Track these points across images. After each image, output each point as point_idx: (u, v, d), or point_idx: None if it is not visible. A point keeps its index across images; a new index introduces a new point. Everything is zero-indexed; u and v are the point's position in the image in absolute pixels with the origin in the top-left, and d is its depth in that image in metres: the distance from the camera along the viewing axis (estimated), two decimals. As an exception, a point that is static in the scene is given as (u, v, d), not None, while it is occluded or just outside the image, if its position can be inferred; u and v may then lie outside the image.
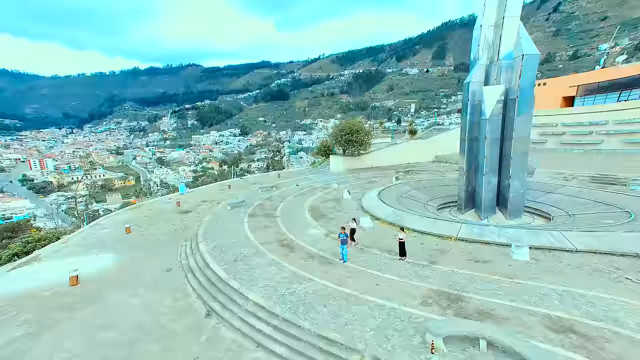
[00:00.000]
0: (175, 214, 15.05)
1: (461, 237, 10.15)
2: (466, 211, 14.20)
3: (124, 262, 10.29)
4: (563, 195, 14.06)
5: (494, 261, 8.49)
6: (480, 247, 9.56)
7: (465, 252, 9.29)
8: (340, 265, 8.92)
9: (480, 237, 9.91)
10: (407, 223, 11.81)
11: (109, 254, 10.85)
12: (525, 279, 7.35)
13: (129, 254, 10.83)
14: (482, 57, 12.80)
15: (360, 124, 25.69)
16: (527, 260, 8.33)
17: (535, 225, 11.54)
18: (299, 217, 13.52)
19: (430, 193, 17.47)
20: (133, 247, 11.36)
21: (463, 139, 13.93)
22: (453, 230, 10.55)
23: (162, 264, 9.72)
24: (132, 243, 11.75)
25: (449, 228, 10.76)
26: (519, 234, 9.48)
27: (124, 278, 9.23)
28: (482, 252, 9.19)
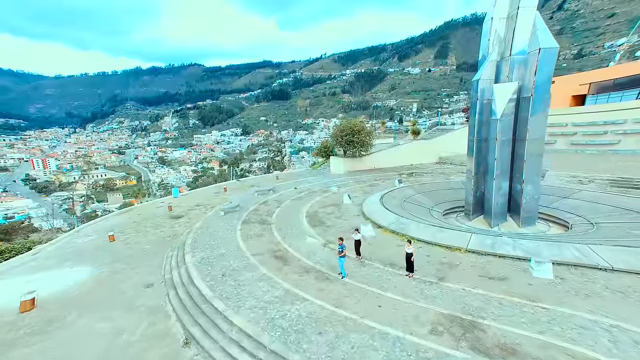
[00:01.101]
0: (166, 219, 14.28)
1: (471, 249, 9.24)
2: (474, 218, 13.28)
3: (101, 277, 9.33)
4: (581, 201, 13.03)
5: (511, 278, 7.56)
6: (494, 260, 8.63)
7: (477, 266, 8.38)
8: (338, 281, 8.07)
9: (492, 249, 8.99)
10: (411, 232, 10.94)
11: (85, 266, 10.02)
12: (553, 304, 6.34)
13: (108, 267, 9.96)
14: (492, 52, 11.87)
15: (361, 124, 24.78)
16: (551, 279, 7.34)
17: (555, 236, 10.50)
18: (296, 224, 12.67)
19: (435, 197, 16.55)
20: (114, 257, 10.56)
21: (471, 140, 13.00)
22: (462, 241, 9.65)
23: (143, 278, 8.89)
24: (115, 253, 11.00)
25: (458, 238, 9.86)
26: (538, 247, 8.53)
27: (96, 297, 8.25)
28: (496, 266, 8.26)
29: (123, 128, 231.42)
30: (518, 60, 11.03)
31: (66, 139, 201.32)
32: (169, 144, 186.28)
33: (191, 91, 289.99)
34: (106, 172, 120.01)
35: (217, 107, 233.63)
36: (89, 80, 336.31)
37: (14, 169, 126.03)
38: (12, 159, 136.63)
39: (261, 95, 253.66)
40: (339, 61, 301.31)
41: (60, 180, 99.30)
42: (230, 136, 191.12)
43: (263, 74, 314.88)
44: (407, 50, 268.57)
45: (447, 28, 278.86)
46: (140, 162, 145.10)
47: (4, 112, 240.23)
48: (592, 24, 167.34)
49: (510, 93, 11.18)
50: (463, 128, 30.51)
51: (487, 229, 12.07)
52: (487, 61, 11.86)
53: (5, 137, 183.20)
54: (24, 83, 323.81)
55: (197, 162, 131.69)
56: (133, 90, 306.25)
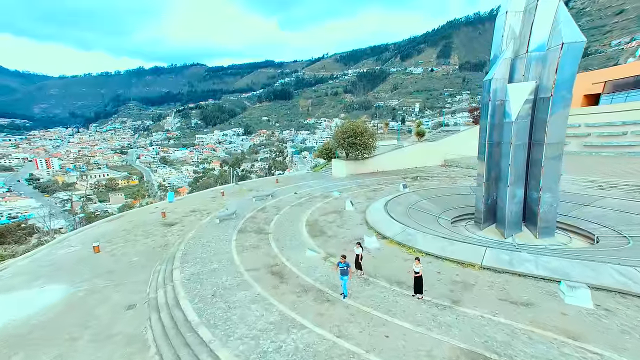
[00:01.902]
0: (158, 227, 13.57)
1: (487, 266, 8.38)
2: (485, 227, 12.40)
3: (75, 298, 8.22)
4: (606, 210, 11.96)
5: (537, 304, 6.63)
6: (513, 280, 7.75)
7: (495, 287, 7.51)
8: (340, 303, 7.27)
9: (511, 266, 8.12)
10: (419, 244, 10.11)
11: (59, 284, 8.98)
12: (606, 347, 5.02)
13: (87, 284, 8.96)
14: (506, 50, 10.98)
15: (364, 126, 23.91)
16: (590, 308, 6.18)
17: (581, 250, 9.43)
18: (295, 234, 11.89)
19: (442, 204, 15.67)
20: (96, 272, 9.73)
21: (482, 144, 12.10)
22: (476, 256, 8.79)
23: (125, 297, 8.07)
24: (98, 267, 10.13)
25: (471, 252, 9.00)
26: (565, 266, 7.59)
27: (61, 326, 7.06)
28: (517, 288, 7.37)
29: (126, 128, 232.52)
30: (535, 57, 10.14)
31: (69, 138, 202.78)
32: (171, 143, 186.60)
33: (193, 91, 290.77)
34: (108, 172, 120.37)
35: (219, 107, 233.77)
36: (92, 80, 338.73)
37: (18, 168, 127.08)
38: (16, 159, 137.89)
39: (263, 95, 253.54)
40: (341, 61, 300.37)
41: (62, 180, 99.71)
42: (232, 136, 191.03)
43: (265, 74, 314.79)
44: (409, 49, 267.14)
45: (450, 27, 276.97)
46: (143, 162, 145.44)
47: (10, 112, 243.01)
48: (599, 22, 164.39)
49: (526, 93, 10.30)
50: (469, 129, 29.52)
51: (501, 239, 11.21)
52: (501, 59, 10.98)
53: (11, 137, 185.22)
54: (30, 83, 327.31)
55: (198, 162, 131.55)
56: (136, 90, 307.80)
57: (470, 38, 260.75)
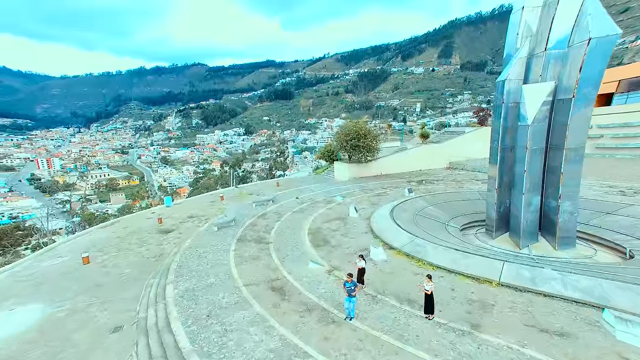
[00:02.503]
0: (154, 235, 12.98)
1: (506, 283, 7.70)
2: (498, 236, 11.72)
3: (50, 322, 7.20)
4: (635, 219, 11.09)
5: (576, 336, 5.70)
6: (538, 301, 7.00)
7: (519, 309, 6.77)
8: (346, 325, 6.64)
9: (533, 284, 7.41)
10: (429, 256, 9.46)
11: (36, 304, 7.94)
12: None
13: (69, 303, 8.03)
14: (521, 48, 10.29)
15: (367, 127, 23.26)
16: None
17: (616, 267, 8.39)
18: (297, 244, 11.27)
19: (450, 210, 15.00)
20: (82, 287, 8.92)
21: (494, 148, 11.43)
22: (493, 271, 8.12)
23: (112, 317, 7.38)
24: (85, 280, 9.33)
25: (487, 267, 8.32)
26: (601, 288, 6.67)
27: (29, 357, 6.04)
28: (545, 311, 6.57)
29: (127, 128, 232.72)
30: (555, 55, 9.42)
31: (71, 138, 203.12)
32: (172, 143, 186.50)
33: (194, 91, 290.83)
34: (109, 171, 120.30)
35: (220, 107, 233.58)
36: (93, 80, 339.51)
37: (20, 168, 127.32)
38: (18, 159, 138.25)
39: (264, 95, 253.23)
40: (342, 61, 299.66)
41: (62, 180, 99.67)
42: (233, 136, 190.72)
43: (266, 74, 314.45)
44: (410, 49, 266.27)
45: (451, 27, 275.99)
46: (143, 161, 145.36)
47: (13, 112, 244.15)
48: None
49: (544, 95, 9.60)
50: (474, 131, 28.81)
51: (515, 250, 10.53)
52: (515, 58, 10.29)
53: (13, 137, 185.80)
54: (32, 84, 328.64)
55: (199, 163, 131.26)
56: (137, 90, 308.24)
57: (472, 38, 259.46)
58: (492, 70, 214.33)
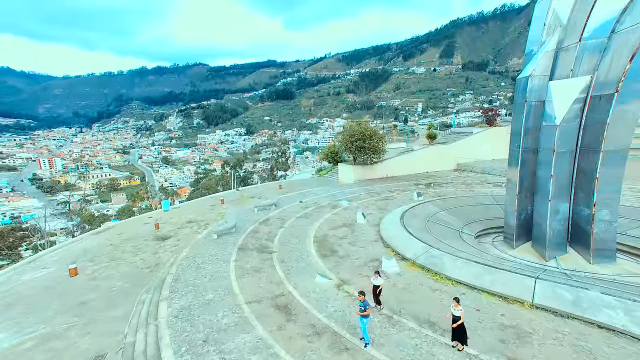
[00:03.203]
0: (150, 242, 12.24)
1: (541, 305, 6.72)
2: (519, 245, 10.89)
3: (16, 353, 6.06)
4: None
5: None
6: (594, 334, 5.80)
7: (568, 341, 5.65)
8: (361, 353, 5.86)
9: (581, 311, 6.21)
10: (446, 269, 8.65)
11: None
12: None
13: (44, 326, 6.87)
14: (548, 41, 9.44)
15: (373, 128, 22.47)
16: None
17: None
18: (302, 254, 10.49)
19: (463, 216, 14.18)
20: (64, 306, 7.82)
21: (515, 150, 10.59)
22: (523, 289, 7.21)
23: (95, 342, 6.42)
24: (68, 297, 8.25)
25: (515, 284, 7.42)
26: None
27: None
28: (609, 351, 5.30)
29: (128, 127, 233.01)
30: (593, 46, 8.41)
31: (73, 138, 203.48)
32: (173, 143, 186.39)
33: (195, 91, 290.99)
34: (110, 171, 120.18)
35: (221, 107, 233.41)
36: (95, 80, 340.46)
37: (22, 168, 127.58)
38: (20, 159, 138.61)
39: (265, 95, 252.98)
40: (343, 60, 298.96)
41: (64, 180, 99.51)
42: (234, 136, 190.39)
43: (267, 74, 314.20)
44: (411, 49, 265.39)
45: (453, 27, 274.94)
46: (145, 161, 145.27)
47: (16, 112, 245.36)
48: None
49: (576, 91, 8.73)
50: (483, 132, 27.95)
51: (540, 261, 9.69)
52: (542, 52, 9.45)
53: (16, 137, 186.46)
54: (35, 84, 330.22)
55: (200, 163, 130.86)
56: (138, 90, 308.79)
57: (474, 37, 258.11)
58: (494, 70, 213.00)
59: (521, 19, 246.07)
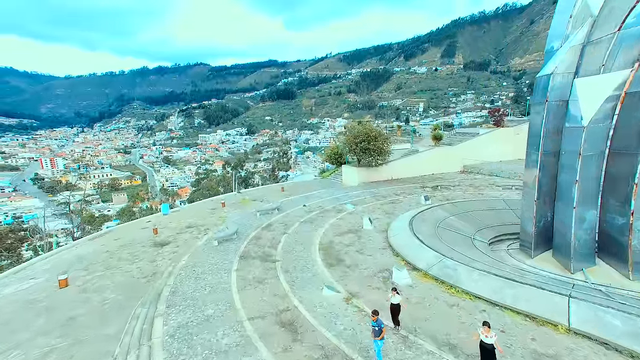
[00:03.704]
0: (148, 248, 11.69)
1: (580, 331, 5.88)
2: (537, 254, 10.27)
3: None
4: None
5: None
6: None
7: None
8: (376, 382, 5.27)
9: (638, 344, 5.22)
10: (463, 283, 8.03)
11: None
12: None
13: (17, 353, 6.06)
14: (575, 34, 8.75)
15: (378, 129, 21.86)
16: None
17: None
18: (307, 262, 9.92)
19: (474, 221, 13.56)
20: (48, 324, 6.97)
21: (533, 153, 9.96)
22: (554, 309, 6.37)
23: None
24: (55, 313, 7.44)
25: (544, 302, 6.60)
26: None
27: None
28: None
29: (129, 127, 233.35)
30: (632, 35, 7.57)
31: (74, 138, 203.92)
32: (174, 143, 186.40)
33: (197, 90, 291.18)
34: (112, 171, 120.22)
35: (222, 107, 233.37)
36: (97, 80, 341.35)
37: (24, 168, 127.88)
38: (22, 159, 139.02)
39: (266, 95, 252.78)
40: (345, 60, 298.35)
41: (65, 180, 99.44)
42: (235, 136, 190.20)
43: (268, 74, 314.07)
44: (413, 49, 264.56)
45: (455, 26, 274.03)
46: (146, 161, 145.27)
47: (19, 112, 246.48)
48: None
49: (610, 88, 8.02)
50: (489, 132, 27.30)
51: (563, 272, 9.03)
52: (568, 47, 8.77)
53: (19, 137, 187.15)
54: (37, 84, 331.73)
55: (201, 163, 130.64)
56: (140, 89, 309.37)
57: (475, 37, 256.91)
58: (496, 69, 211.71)
59: (523, 18, 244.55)
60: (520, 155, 27.85)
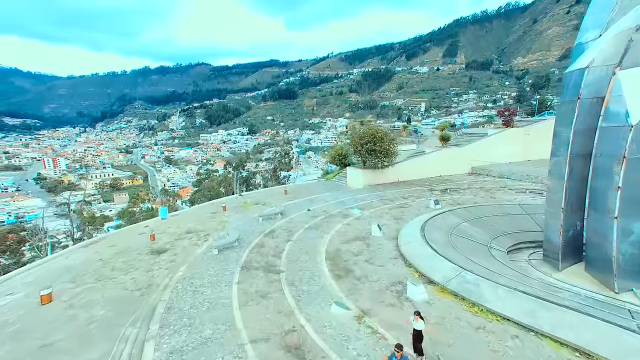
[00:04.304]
0: (144, 257, 11.02)
1: None
2: (565, 267, 9.46)
3: None
4: None
5: None
6: None
7: None
8: None
9: None
10: (488, 301, 7.25)
11: None
12: None
13: None
14: (621, 20, 7.84)
15: (384, 130, 21.11)
16: None
17: None
18: (313, 274, 9.20)
19: (489, 227, 12.79)
20: (18, 351, 6.06)
21: (559, 155, 9.15)
22: (619, 348, 5.30)
23: None
24: (29, 336, 6.53)
25: (599, 335, 5.61)
26: None
27: None
28: None
29: (131, 127, 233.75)
30: None
31: (77, 138, 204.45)
32: (176, 143, 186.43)
33: (198, 90, 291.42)
34: (113, 171, 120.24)
35: (223, 106, 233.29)
36: (99, 80, 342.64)
37: (27, 167, 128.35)
38: (25, 158, 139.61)
39: (268, 95, 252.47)
40: (346, 60, 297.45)
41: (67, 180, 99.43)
42: (236, 135, 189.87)
43: (270, 73, 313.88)
44: (415, 48, 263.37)
45: (456, 26, 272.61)
46: (147, 161, 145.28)
47: (22, 112, 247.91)
48: None
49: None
50: (499, 133, 26.45)
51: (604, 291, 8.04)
52: (612, 34, 7.87)
53: (22, 137, 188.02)
54: (40, 84, 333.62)
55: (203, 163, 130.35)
56: (141, 89, 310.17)
57: (477, 37, 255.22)
58: (498, 69, 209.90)
59: (526, 17, 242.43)
60: (530, 157, 27.29)
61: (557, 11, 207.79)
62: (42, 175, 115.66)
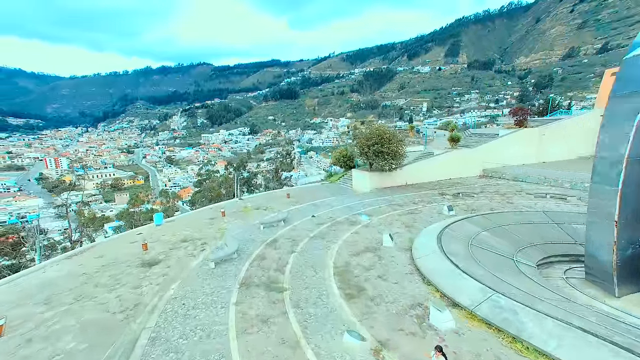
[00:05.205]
0: (133, 269, 10.00)
1: None
2: (625, 293, 8.11)
3: None
4: None
5: None
6: None
7: None
8: None
9: None
10: (533, 335, 5.94)
11: None
12: None
13: None
14: None
15: (392, 131, 20.02)
16: None
17: None
18: (321, 292, 8.14)
19: (512, 238, 11.64)
20: None
21: (610, 158, 7.88)
22: None
23: None
24: None
25: None
26: None
27: None
28: None
29: (133, 127, 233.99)
30: None
31: (79, 138, 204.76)
32: (177, 143, 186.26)
33: (200, 90, 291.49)
34: (114, 171, 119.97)
35: (225, 106, 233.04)
36: (101, 80, 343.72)
37: (29, 167, 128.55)
38: (28, 158, 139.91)
39: (269, 94, 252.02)
40: (348, 60, 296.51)
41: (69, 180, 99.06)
42: (238, 135, 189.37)
43: (271, 73, 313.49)
44: (416, 48, 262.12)
45: (458, 25, 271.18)
46: (149, 161, 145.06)
47: (25, 112, 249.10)
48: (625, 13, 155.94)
49: None
50: (512, 133, 25.24)
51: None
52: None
53: (25, 137, 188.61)
54: (43, 84, 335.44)
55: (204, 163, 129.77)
56: (143, 89, 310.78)
57: (479, 36, 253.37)
58: (500, 69, 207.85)
59: (528, 17, 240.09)
60: (545, 158, 25.99)
61: (561, 10, 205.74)
62: (45, 175, 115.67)
